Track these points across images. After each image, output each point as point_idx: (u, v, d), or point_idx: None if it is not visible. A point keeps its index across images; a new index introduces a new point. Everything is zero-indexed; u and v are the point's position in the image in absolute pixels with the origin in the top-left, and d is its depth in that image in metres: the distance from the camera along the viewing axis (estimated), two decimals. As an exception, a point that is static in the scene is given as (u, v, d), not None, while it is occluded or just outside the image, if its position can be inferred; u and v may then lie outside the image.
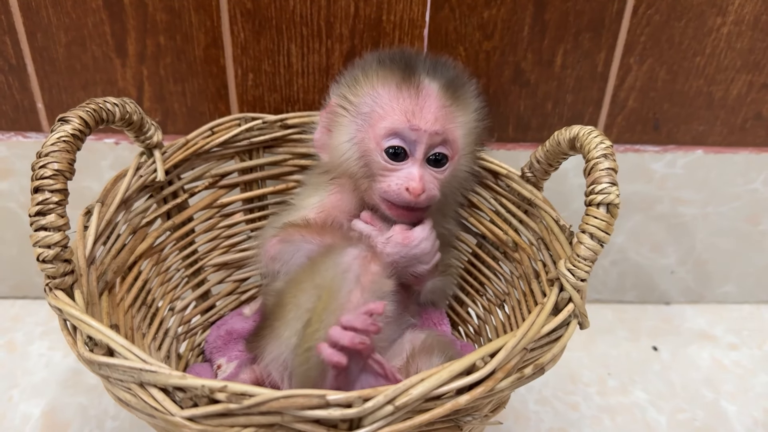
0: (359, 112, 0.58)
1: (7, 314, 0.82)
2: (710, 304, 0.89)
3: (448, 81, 0.59)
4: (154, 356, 0.61)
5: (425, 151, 0.57)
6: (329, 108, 0.61)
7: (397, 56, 0.59)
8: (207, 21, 0.67)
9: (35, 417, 0.68)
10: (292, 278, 0.55)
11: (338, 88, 0.61)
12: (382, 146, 0.57)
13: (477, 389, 0.40)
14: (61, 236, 0.44)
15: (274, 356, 0.52)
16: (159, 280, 0.64)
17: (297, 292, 0.52)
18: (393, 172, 0.57)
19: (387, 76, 0.58)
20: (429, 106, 0.57)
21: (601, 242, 0.46)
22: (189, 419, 0.38)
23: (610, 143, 0.48)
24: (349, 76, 0.60)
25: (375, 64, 0.59)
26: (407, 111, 0.56)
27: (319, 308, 0.50)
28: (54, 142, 0.44)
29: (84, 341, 0.42)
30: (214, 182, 0.68)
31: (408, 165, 0.57)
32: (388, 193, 0.57)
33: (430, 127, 0.56)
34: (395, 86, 0.57)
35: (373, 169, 0.58)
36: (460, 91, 0.59)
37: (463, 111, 0.60)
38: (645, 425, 0.70)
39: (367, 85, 0.58)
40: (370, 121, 0.58)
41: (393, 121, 0.56)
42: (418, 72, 0.58)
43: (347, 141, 0.59)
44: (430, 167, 0.58)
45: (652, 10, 0.69)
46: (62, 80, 0.70)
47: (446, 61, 0.61)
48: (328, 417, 0.37)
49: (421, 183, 0.56)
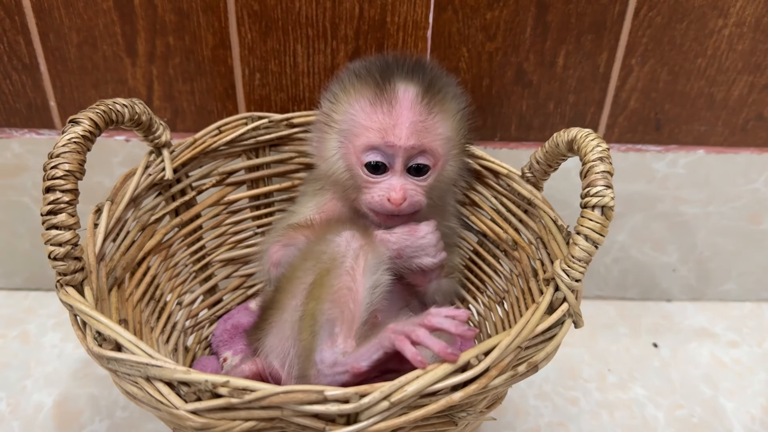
0: (340, 129, 0.60)
1: (21, 306, 0.84)
2: (711, 301, 0.89)
3: (425, 89, 0.58)
4: (162, 350, 0.63)
5: (404, 163, 0.58)
6: (317, 121, 0.63)
7: (372, 68, 0.59)
8: (215, 22, 0.69)
9: (48, 406, 0.70)
10: (289, 267, 0.57)
11: (324, 101, 0.62)
12: (362, 161, 0.58)
13: (471, 386, 0.42)
14: (72, 235, 0.45)
15: (274, 344, 0.54)
16: (167, 275, 0.66)
17: (295, 274, 0.54)
18: (375, 185, 0.59)
19: (362, 92, 0.59)
20: (403, 122, 0.57)
21: (595, 244, 0.47)
22: (192, 412, 0.39)
23: (607, 146, 0.48)
24: (331, 92, 0.61)
25: (352, 77, 0.60)
26: (381, 128, 0.57)
27: (317, 282, 0.51)
28: (65, 143, 0.46)
29: (93, 336, 0.44)
30: (221, 180, 0.70)
31: (388, 177, 0.59)
32: (372, 204, 0.59)
33: (405, 142, 0.57)
34: (369, 103, 0.58)
35: (358, 181, 0.60)
36: (438, 97, 0.59)
37: (443, 117, 0.59)
38: (643, 421, 0.71)
39: (345, 102, 0.60)
40: (349, 137, 0.59)
41: (369, 139, 0.58)
42: (392, 85, 0.58)
43: (333, 156, 0.60)
44: (411, 176, 0.59)
45: (654, 12, 0.69)
46: (74, 79, 0.72)
47: (424, 65, 0.60)
48: (326, 412, 0.39)
49: (401, 192, 0.58)
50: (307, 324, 0.51)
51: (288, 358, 0.53)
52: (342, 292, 0.50)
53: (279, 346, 0.54)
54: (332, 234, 0.54)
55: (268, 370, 0.55)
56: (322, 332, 0.49)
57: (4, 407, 0.70)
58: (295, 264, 0.56)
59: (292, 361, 0.52)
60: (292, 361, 0.52)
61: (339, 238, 0.54)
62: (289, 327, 0.53)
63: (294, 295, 0.53)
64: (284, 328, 0.53)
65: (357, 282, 0.51)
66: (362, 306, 0.51)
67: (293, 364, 0.52)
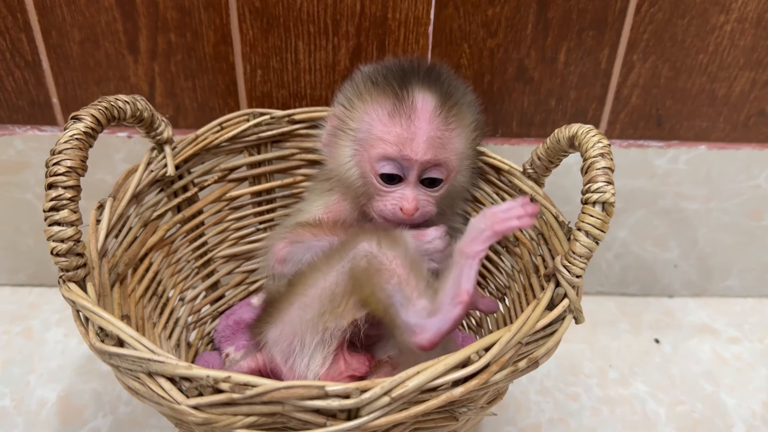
0: (356, 137, 0.60)
1: (25, 302, 0.85)
2: (712, 297, 0.90)
3: (442, 101, 0.58)
4: (165, 345, 0.63)
5: (418, 175, 0.59)
6: (331, 123, 0.62)
7: (389, 75, 0.59)
8: (216, 19, 0.69)
9: (51, 402, 0.71)
10: (307, 266, 0.56)
11: (338, 105, 0.62)
12: (377, 171, 0.59)
13: (471, 382, 0.42)
14: (74, 231, 0.45)
15: (278, 338, 0.54)
16: (169, 271, 0.66)
17: (313, 274, 0.54)
18: (388, 194, 0.59)
19: (379, 101, 0.59)
20: (421, 136, 0.57)
21: (596, 240, 0.47)
22: (194, 408, 0.40)
23: (608, 142, 0.48)
24: (346, 97, 0.61)
25: (369, 84, 0.60)
26: (398, 141, 0.57)
27: (356, 277, 0.52)
28: (67, 140, 0.46)
29: (96, 332, 0.44)
30: (223, 176, 0.70)
31: (401, 187, 0.59)
32: (383, 212, 0.60)
33: (422, 157, 0.57)
34: (387, 115, 0.58)
35: (370, 189, 0.60)
36: (455, 109, 0.59)
37: (459, 131, 0.60)
38: (644, 417, 0.72)
39: (361, 110, 0.60)
40: (365, 146, 0.59)
41: (385, 150, 0.58)
42: (410, 96, 0.58)
43: (347, 162, 0.61)
44: (424, 187, 0.60)
45: (655, 8, 0.69)
46: (76, 76, 0.72)
47: (440, 74, 0.60)
48: (327, 407, 0.39)
49: (413, 203, 0.58)
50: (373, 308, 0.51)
51: (293, 353, 0.53)
52: (386, 273, 0.51)
53: (284, 341, 0.54)
54: (355, 239, 0.54)
55: (269, 365, 0.56)
56: (395, 302, 0.50)
57: (8, 403, 0.70)
58: (315, 264, 0.55)
59: (296, 356, 0.53)
60: (297, 356, 0.53)
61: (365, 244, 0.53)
62: (298, 323, 0.53)
63: (308, 293, 0.53)
64: (292, 323, 0.54)
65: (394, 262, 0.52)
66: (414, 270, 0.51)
67: (297, 360, 0.53)
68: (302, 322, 0.53)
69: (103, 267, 0.53)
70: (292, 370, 0.53)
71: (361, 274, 0.52)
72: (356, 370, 0.53)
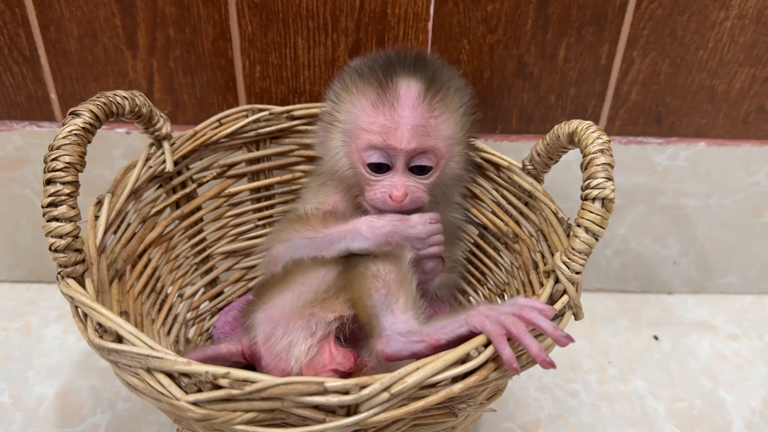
0: (343, 128, 0.60)
1: (23, 298, 0.85)
2: (712, 294, 0.90)
3: (427, 88, 0.58)
4: (163, 342, 0.63)
5: (405, 163, 0.59)
6: (323, 119, 0.63)
7: (374, 66, 0.59)
8: (215, 14, 0.69)
9: (50, 398, 0.71)
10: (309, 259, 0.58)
11: (328, 100, 0.63)
12: (365, 161, 0.59)
13: (471, 378, 0.42)
14: (73, 227, 0.45)
15: (263, 320, 0.55)
16: (168, 267, 0.66)
17: (313, 264, 0.57)
18: (377, 182, 0.59)
19: (364, 92, 0.59)
20: (404, 124, 0.57)
21: (596, 236, 0.47)
22: (193, 404, 0.40)
23: (607, 138, 0.48)
24: (334, 90, 0.62)
25: (354, 76, 0.60)
26: (383, 130, 0.57)
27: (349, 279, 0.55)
28: (65, 136, 0.46)
29: (94, 328, 0.44)
30: (222, 172, 0.70)
31: (390, 175, 0.59)
32: (374, 201, 0.60)
33: (406, 145, 0.57)
34: (371, 105, 0.58)
35: (360, 179, 0.60)
36: (441, 95, 0.59)
37: (446, 116, 0.59)
38: (643, 413, 0.72)
39: (347, 101, 0.60)
40: (352, 137, 0.59)
41: (371, 140, 0.58)
42: (393, 85, 0.58)
43: (337, 154, 0.61)
44: (413, 175, 0.59)
45: (655, 4, 0.69)
46: (74, 72, 0.72)
47: (425, 61, 0.60)
48: (326, 403, 0.39)
49: (402, 190, 0.58)
50: (359, 306, 0.53)
51: (274, 335, 0.54)
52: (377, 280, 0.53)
53: (269, 323, 0.55)
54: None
55: (252, 347, 0.56)
56: (378, 312, 0.52)
57: (6, 399, 0.70)
58: (320, 259, 0.57)
59: (277, 339, 0.54)
60: (278, 339, 0.54)
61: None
62: (288, 306, 0.54)
63: (305, 282, 0.55)
64: (282, 307, 0.55)
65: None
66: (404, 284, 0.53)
67: (277, 343, 0.54)
68: (292, 306, 0.54)
69: (102, 263, 0.52)
70: (270, 351, 0.53)
71: (356, 276, 0.53)
72: (341, 365, 0.53)
